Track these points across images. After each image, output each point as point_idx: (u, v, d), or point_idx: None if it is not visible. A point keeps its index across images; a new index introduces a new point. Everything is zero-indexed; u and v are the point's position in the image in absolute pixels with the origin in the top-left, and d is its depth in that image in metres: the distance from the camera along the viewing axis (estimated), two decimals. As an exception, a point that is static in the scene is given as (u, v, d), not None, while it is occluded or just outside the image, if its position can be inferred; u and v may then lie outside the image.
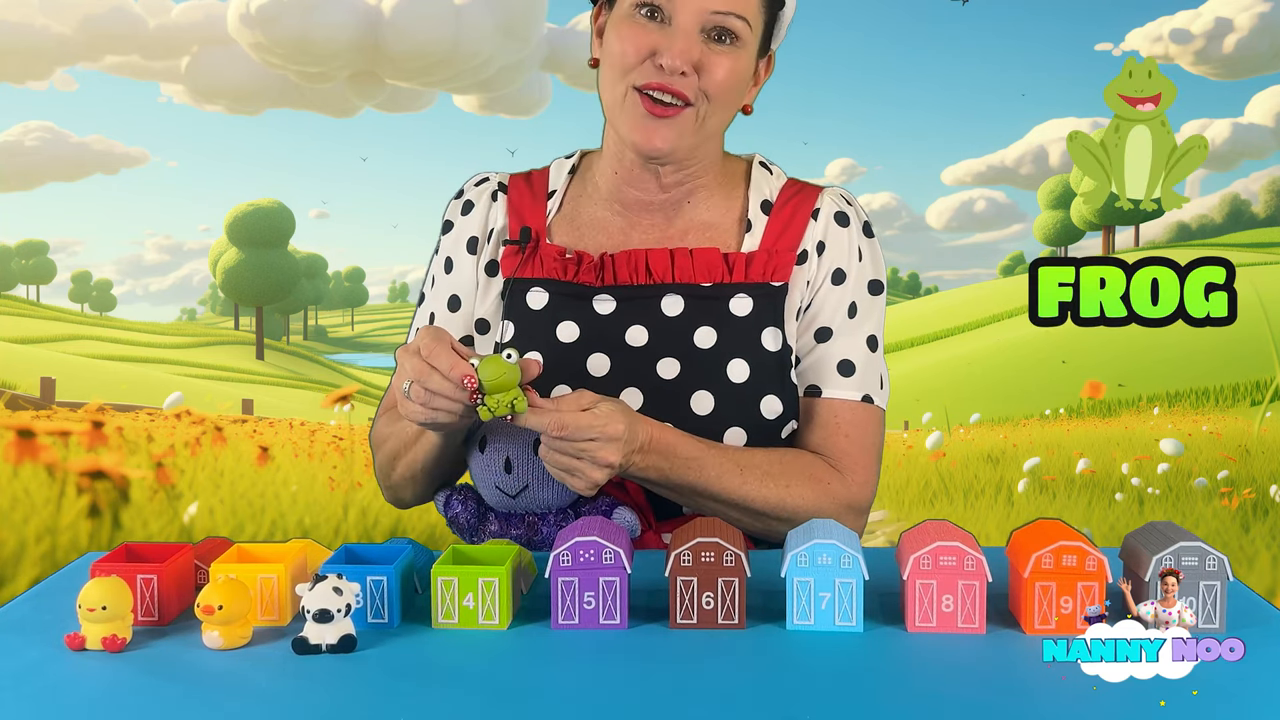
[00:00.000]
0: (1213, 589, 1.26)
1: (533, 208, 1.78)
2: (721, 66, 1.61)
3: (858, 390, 1.71)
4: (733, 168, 1.79)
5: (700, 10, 1.59)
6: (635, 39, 1.61)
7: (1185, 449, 8.24)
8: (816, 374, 1.72)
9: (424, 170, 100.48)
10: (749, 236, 1.73)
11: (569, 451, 1.47)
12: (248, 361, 35.92)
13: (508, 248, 1.75)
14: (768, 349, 1.68)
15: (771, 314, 1.69)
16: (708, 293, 1.69)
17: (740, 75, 1.65)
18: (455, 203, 1.83)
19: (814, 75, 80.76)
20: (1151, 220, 40.62)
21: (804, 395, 1.72)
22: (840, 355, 1.71)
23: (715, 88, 1.62)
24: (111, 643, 1.23)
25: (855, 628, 1.27)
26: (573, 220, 1.77)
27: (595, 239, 1.75)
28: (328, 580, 1.22)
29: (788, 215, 1.74)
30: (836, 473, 1.68)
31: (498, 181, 1.82)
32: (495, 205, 1.79)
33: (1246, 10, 35.71)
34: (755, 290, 1.69)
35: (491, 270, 1.78)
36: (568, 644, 1.26)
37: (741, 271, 1.69)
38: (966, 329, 29.90)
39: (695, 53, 1.60)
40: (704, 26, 1.60)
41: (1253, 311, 16.85)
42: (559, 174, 1.81)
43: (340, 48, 24.59)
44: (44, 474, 5.35)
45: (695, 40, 1.60)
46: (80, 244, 67.15)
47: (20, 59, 29.53)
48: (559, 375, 1.67)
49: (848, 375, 1.71)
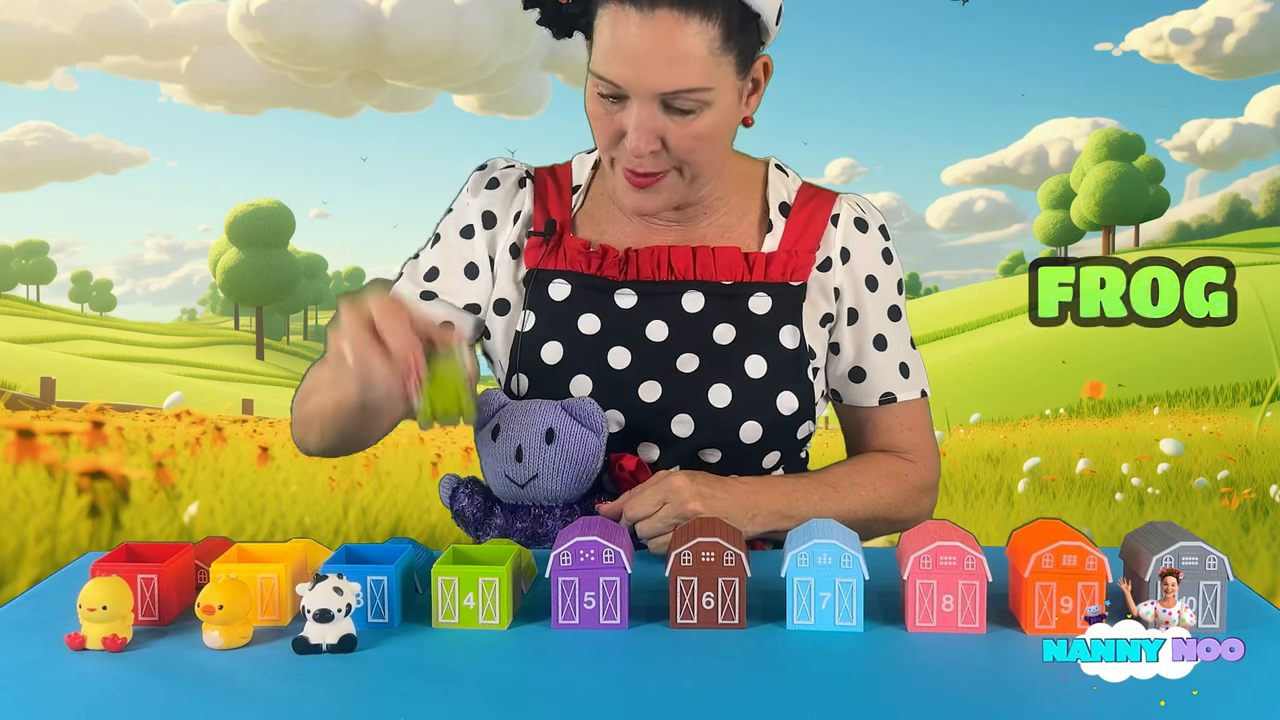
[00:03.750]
0: (1213, 589, 1.26)
1: (557, 201, 1.78)
2: (687, 134, 1.58)
3: (916, 388, 1.79)
4: (749, 170, 1.79)
5: (650, 94, 1.55)
6: (602, 124, 1.60)
7: (1185, 449, 8.25)
8: (886, 382, 1.77)
9: (424, 170, 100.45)
10: (769, 237, 1.74)
11: (655, 529, 1.54)
12: (248, 361, 35.91)
13: (532, 239, 1.75)
14: (785, 346, 1.69)
15: (790, 313, 1.70)
16: (728, 290, 1.70)
17: (715, 129, 1.61)
18: (479, 174, 1.82)
19: (814, 75, 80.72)
20: (1151, 220, 40.60)
21: (880, 403, 1.78)
22: (898, 359, 1.77)
23: (689, 153, 1.60)
24: (112, 642, 1.23)
25: (855, 628, 1.27)
26: (595, 216, 1.78)
27: (616, 235, 1.76)
28: (328, 580, 1.22)
29: (806, 216, 1.75)
30: (909, 463, 1.78)
31: (525, 169, 1.82)
32: (522, 191, 1.79)
33: (1246, 10, 35.73)
34: (774, 289, 1.71)
35: (515, 253, 1.77)
36: (568, 644, 1.26)
37: (761, 270, 1.71)
38: (966, 329, 29.91)
39: (658, 130, 1.57)
40: (660, 104, 1.56)
41: (1253, 311, 16.86)
42: (582, 169, 1.81)
43: (340, 47, 24.62)
44: (44, 474, 5.36)
45: (656, 117, 1.56)
46: (80, 244, 67.22)
47: (20, 59, 29.56)
48: (580, 367, 1.69)
49: (907, 377, 1.78)
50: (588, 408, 1.61)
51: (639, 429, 1.68)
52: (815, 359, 1.73)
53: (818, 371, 1.75)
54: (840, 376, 1.78)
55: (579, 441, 1.60)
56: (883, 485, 1.73)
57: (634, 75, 1.54)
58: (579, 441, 1.60)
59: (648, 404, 1.67)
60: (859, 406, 1.79)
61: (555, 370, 1.69)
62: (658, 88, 1.54)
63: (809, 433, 1.75)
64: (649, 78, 1.54)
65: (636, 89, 1.55)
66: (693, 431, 1.67)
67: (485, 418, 1.65)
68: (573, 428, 1.60)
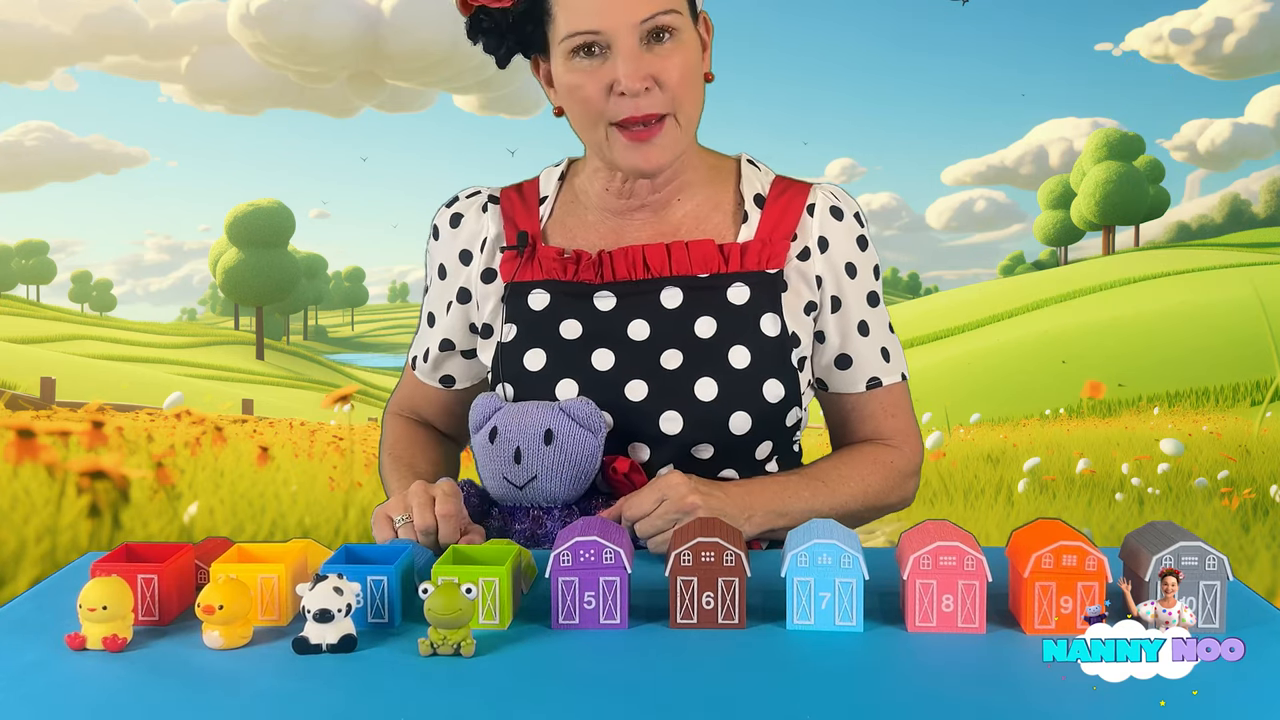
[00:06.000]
0: (1213, 589, 1.26)
1: (526, 214, 1.81)
2: (674, 65, 1.62)
3: (897, 372, 1.82)
4: (720, 163, 1.82)
5: (631, 25, 1.59)
6: (588, 83, 1.63)
7: (1185, 449, 8.25)
8: (871, 367, 1.80)
9: (424, 170, 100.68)
10: (745, 228, 1.75)
11: (655, 526, 1.56)
12: (248, 361, 35.93)
13: (506, 253, 1.78)
14: (767, 335, 1.70)
15: (769, 301, 1.71)
16: (705, 283, 1.72)
17: (693, 61, 1.65)
18: (445, 211, 1.87)
19: (814, 75, 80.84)
20: (1152, 220, 40.67)
21: (866, 388, 1.80)
22: (879, 344, 1.80)
23: (678, 86, 1.63)
24: (112, 642, 1.23)
25: (855, 627, 1.27)
26: (565, 223, 1.80)
27: (589, 240, 1.78)
28: (328, 580, 1.22)
29: (782, 206, 1.77)
30: (894, 449, 1.81)
31: (488, 194, 1.86)
32: (486, 216, 1.83)
33: (1246, 10, 35.76)
34: (752, 278, 1.72)
35: (488, 278, 1.81)
36: (568, 644, 1.26)
37: (737, 261, 1.72)
38: (966, 329, 29.94)
39: (645, 66, 1.61)
40: (641, 37, 1.60)
41: (1253, 311, 16.88)
42: (549, 181, 1.85)
43: (340, 48, 24.61)
44: (44, 474, 5.36)
45: (639, 55, 1.60)
46: (80, 244, 67.19)
47: (20, 59, 29.54)
48: (564, 371, 1.70)
49: (888, 361, 1.81)
50: (586, 408, 1.61)
51: (628, 429, 1.68)
52: (800, 347, 1.74)
53: (804, 360, 1.76)
54: (826, 365, 1.79)
55: (578, 442, 1.60)
56: (871, 474, 1.76)
57: (611, 10, 1.59)
58: (578, 442, 1.60)
59: (635, 403, 1.68)
60: (845, 394, 1.81)
61: (539, 376, 1.71)
62: (636, 16, 1.59)
63: (798, 420, 1.76)
64: (626, 8, 1.59)
65: (617, 25, 1.59)
66: (682, 428, 1.67)
67: (482, 420, 1.65)
68: (571, 428, 1.60)
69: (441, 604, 1.19)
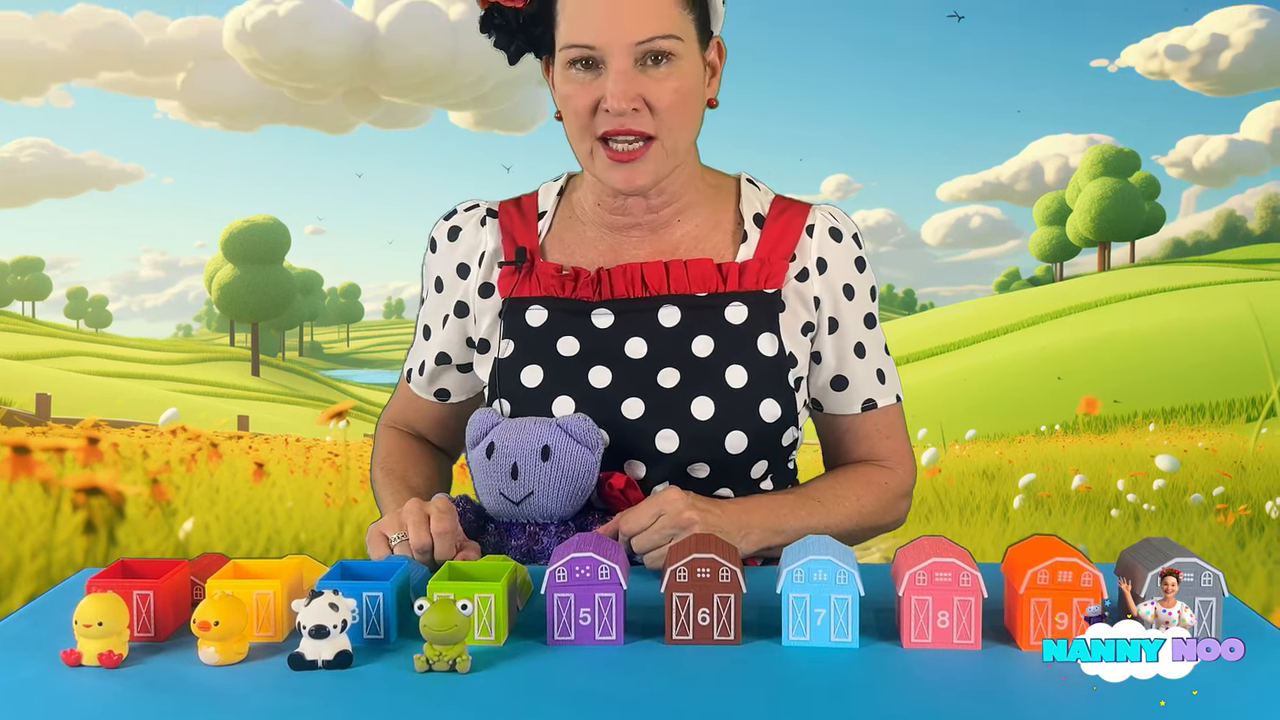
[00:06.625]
0: (1208, 605, 1.26)
1: (524, 230, 1.81)
2: (666, 89, 1.62)
3: (892, 393, 1.82)
4: (720, 182, 1.82)
5: (626, 45, 1.59)
6: (578, 95, 1.63)
7: (1181, 465, 8.25)
8: (867, 389, 1.80)
9: (420, 186, 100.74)
10: (744, 247, 1.75)
11: (652, 541, 1.56)
12: (243, 378, 35.88)
13: (504, 269, 1.77)
14: (764, 354, 1.70)
15: (767, 320, 1.71)
16: (703, 302, 1.72)
17: (689, 88, 1.65)
18: (443, 224, 1.86)
19: (810, 91, 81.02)
20: (1147, 236, 40.70)
21: (861, 410, 1.80)
22: (875, 366, 1.80)
23: (668, 111, 1.62)
24: (108, 659, 1.23)
25: (851, 644, 1.27)
26: (563, 239, 1.80)
27: (588, 256, 1.77)
28: (324, 596, 1.22)
29: (782, 226, 1.77)
30: (888, 470, 1.81)
31: (486, 208, 1.86)
32: (484, 229, 1.83)
33: (1242, 27, 35.83)
34: (750, 298, 1.72)
35: (485, 292, 1.80)
36: (563, 660, 1.26)
37: (735, 280, 1.72)
38: (962, 345, 29.96)
39: (636, 87, 1.60)
40: (636, 58, 1.60)
41: (1248, 328, 16.91)
42: (548, 196, 1.84)
43: (336, 64, 24.64)
44: (39, 490, 5.35)
45: (632, 75, 1.60)
46: (76, 260, 67.11)
47: (15, 75, 29.53)
48: (561, 388, 1.70)
49: (884, 382, 1.81)
50: (583, 424, 1.61)
51: (624, 447, 1.68)
52: (797, 367, 1.74)
53: (800, 380, 1.76)
54: (822, 386, 1.79)
55: (575, 458, 1.60)
56: (865, 495, 1.76)
57: (609, 27, 1.59)
58: (575, 458, 1.60)
59: (631, 421, 1.68)
60: (840, 415, 1.81)
61: (536, 393, 1.70)
62: (632, 37, 1.59)
63: (794, 439, 1.76)
64: (624, 28, 1.59)
65: (612, 43, 1.59)
66: (678, 446, 1.67)
67: (479, 435, 1.65)
68: (569, 445, 1.60)
69: (437, 620, 1.20)
